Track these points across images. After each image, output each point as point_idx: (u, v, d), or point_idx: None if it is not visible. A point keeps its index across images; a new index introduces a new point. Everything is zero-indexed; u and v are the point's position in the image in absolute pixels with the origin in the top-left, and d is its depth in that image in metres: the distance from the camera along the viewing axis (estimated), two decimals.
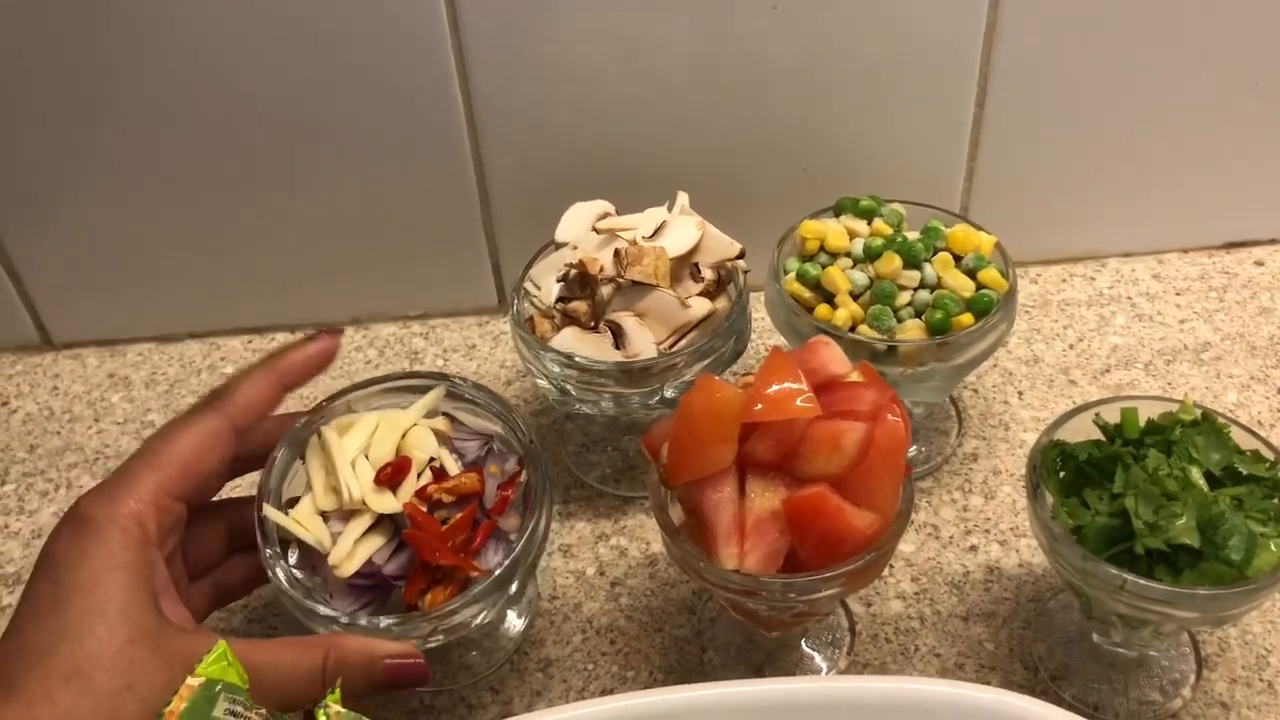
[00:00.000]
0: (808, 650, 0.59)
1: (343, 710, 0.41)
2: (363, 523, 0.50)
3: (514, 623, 0.60)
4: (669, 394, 0.59)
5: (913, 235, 0.62)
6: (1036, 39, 0.68)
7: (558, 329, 0.60)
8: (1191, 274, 0.78)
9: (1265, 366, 0.71)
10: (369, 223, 0.74)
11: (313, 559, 0.51)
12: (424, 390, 0.56)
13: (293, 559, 0.52)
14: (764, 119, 0.70)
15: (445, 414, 0.56)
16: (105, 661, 0.42)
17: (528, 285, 0.62)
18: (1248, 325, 0.74)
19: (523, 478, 0.53)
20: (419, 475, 0.52)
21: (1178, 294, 0.77)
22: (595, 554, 0.63)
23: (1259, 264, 0.79)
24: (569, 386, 0.60)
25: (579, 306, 0.60)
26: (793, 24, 0.66)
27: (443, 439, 0.54)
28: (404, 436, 0.53)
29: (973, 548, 0.62)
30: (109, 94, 0.66)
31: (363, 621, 0.49)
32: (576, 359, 0.58)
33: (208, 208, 0.72)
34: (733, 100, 0.69)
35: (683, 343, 0.59)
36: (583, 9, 0.65)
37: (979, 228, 0.63)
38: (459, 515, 0.51)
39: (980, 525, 0.63)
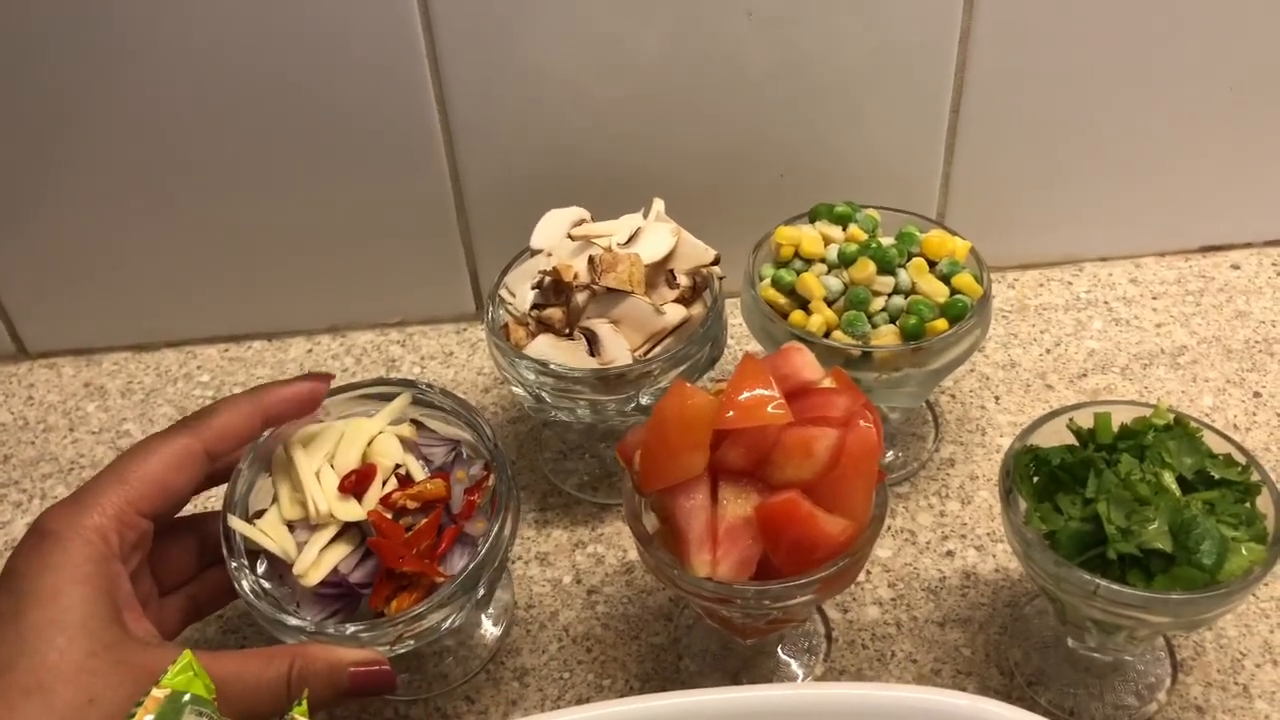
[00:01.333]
0: (784, 657, 0.58)
1: None
2: (328, 532, 0.50)
3: (489, 631, 0.60)
4: (645, 401, 0.59)
5: (887, 241, 0.62)
6: (1012, 44, 0.68)
7: (532, 336, 0.59)
8: (1168, 278, 0.78)
9: (1241, 370, 0.71)
10: (346, 231, 0.73)
11: (280, 569, 0.51)
12: (391, 397, 0.55)
13: (261, 570, 0.51)
14: (740, 125, 0.70)
15: (413, 420, 0.56)
16: (67, 674, 0.42)
17: (502, 292, 0.62)
18: (1224, 329, 0.74)
19: (490, 482, 0.53)
20: (384, 482, 0.52)
21: (1154, 298, 0.77)
22: (572, 562, 0.63)
23: (1235, 267, 0.79)
24: (544, 394, 0.59)
25: (554, 313, 0.59)
26: (768, 30, 0.66)
27: (409, 446, 0.54)
28: (370, 444, 0.53)
29: (949, 553, 0.62)
30: (85, 101, 0.66)
31: (330, 629, 0.48)
32: (551, 366, 0.58)
33: (184, 216, 0.72)
34: (708, 106, 0.69)
35: (658, 349, 0.59)
36: (558, 16, 0.65)
37: (954, 233, 0.63)
38: (424, 521, 0.51)
39: (957, 531, 0.63)
